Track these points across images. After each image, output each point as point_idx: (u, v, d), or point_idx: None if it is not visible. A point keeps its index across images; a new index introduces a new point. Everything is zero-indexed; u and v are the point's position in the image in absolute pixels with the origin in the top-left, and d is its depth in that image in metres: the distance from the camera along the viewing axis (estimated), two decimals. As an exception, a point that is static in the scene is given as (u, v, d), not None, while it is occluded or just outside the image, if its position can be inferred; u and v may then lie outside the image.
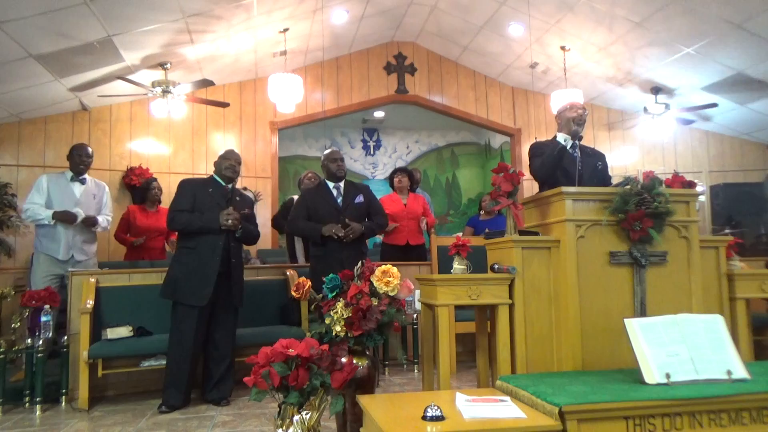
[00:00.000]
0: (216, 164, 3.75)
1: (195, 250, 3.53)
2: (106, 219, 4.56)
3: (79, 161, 4.43)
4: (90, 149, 4.53)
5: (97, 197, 4.54)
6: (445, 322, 2.75)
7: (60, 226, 4.28)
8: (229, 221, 3.51)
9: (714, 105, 6.59)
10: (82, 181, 4.45)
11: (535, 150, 3.39)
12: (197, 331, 3.50)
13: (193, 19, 5.14)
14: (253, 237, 3.80)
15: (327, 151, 4.12)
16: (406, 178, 5.57)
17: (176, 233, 3.82)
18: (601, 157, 3.53)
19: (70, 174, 4.43)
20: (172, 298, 3.53)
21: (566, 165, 3.23)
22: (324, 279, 2.68)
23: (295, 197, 5.26)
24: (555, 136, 3.46)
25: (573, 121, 3.31)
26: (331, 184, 4.05)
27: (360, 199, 4.02)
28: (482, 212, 6.12)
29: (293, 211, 4.19)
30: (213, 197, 3.61)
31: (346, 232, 3.80)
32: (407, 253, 5.26)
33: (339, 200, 3.98)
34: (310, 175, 5.34)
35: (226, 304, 3.59)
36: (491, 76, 7.91)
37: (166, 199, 5.98)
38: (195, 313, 3.47)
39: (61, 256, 4.29)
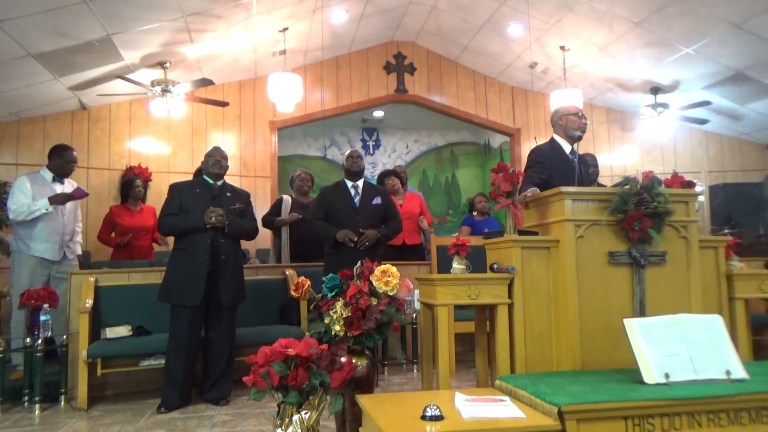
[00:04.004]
0: (203, 164, 3.76)
1: (185, 250, 3.55)
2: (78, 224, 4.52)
3: (66, 164, 4.32)
4: (76, 153, 4.42)
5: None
6: (445, 322, 2.75)
7: (49, 225, 4.17)
8: (213, 218, 3.51)
9: (707, 103, 6.59)
10: (61, 182, 4.35)
11: (535, 156, 3.37)
12: (192, 331, 3.50)
13: (192, 18, 5.14)
14: (246, 231, 3.78)
15: (347, 151, 4.17)
16: (397, 179, 5.57)
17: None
18: (592, 162, 3.56)
19: (50, 175, 4.30)
20: (166, 300, 3.53)
21: (565, 172, 3.24)
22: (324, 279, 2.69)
23: (285, 197, 5.24)
24: (552, 138, 3.45)
25: (576, 128, 3.33)
26: (349, 183, 4.05)
27: (377, 201, 4.03)
28: (475, 213, 6.14)
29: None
30: (200, 196, 3.62)
31: (361, 240, 3.80)
32: (404, 253, 5.25)
33: (356, 200, 3.98)
34: (299, 172, 5.34)
35: (218, 302, 3.58)
36: (491, 75, 7.91)
37: (158, 200, 5.99)
38: (189, 313, 3.48)
39: (53, 256, 4.22)
